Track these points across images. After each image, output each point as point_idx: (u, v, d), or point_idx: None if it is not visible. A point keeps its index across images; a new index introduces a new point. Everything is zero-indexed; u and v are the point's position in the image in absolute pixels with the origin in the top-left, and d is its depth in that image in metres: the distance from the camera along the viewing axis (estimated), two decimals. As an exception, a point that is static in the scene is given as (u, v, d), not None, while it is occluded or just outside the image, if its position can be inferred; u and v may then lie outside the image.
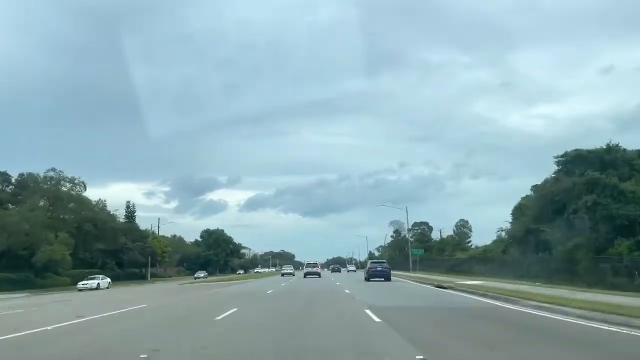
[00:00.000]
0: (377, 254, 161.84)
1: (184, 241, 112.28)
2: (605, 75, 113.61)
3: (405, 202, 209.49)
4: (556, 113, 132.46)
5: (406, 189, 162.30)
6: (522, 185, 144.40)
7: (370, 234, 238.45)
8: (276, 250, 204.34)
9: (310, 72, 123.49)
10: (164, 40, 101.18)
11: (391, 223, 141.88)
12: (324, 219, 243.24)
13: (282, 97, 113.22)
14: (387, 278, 36.49)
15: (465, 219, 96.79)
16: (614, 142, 37.29)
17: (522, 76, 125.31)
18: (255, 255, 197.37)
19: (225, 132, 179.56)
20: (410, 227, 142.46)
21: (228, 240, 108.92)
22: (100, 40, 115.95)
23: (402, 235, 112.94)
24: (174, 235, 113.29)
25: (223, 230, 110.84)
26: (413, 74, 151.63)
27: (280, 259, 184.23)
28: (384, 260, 48.27)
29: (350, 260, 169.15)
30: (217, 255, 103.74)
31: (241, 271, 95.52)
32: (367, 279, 37.23)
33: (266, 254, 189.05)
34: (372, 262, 42.97)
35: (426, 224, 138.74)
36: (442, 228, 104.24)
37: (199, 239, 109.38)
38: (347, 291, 25.78)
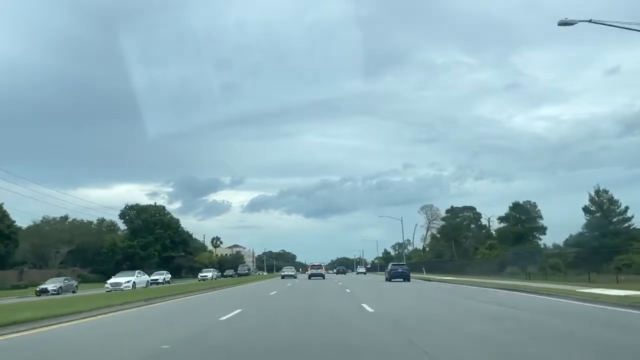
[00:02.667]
0: (393, 253, 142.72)
1: (112, 229, 68.92)
2: (611, 76, 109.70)
3: (409, 203, 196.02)
4: (561, 115, 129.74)
5: (410, 191, 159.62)
6: (526, 187, 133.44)
7: (373, 235, 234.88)
8: (276, 250, 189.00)
9: (314, 73, 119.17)
10: (165, 41, 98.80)
11: (422, 208, 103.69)
12: (327, 221, 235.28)
13: (286, 98, 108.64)
14: (407, 279, 37.40)
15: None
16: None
17: (527, 77, 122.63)
18: (239, 254, 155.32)
19: (228, 133, 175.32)
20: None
21: (168, 225, 65.32)
22: (100, 40, 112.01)
23: (458, 218, 69.90)
24: (89, 222, 69.43)
25: (164, 208, 67.46)
26: (417, 75, 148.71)
27: (280, 260, 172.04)
28: (404, 263, 50.02)
29: (360, 262, 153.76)
30: (145, 247, 60.49)
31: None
32: (389, 280, 38.25)
33: (264, 254, 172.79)
34: (393, 264, 43.48)
35: (472, 209, 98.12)
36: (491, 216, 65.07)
37: (120, 219, 66.15)
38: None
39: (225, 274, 68.32)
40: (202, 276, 54.21)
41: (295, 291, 25.22)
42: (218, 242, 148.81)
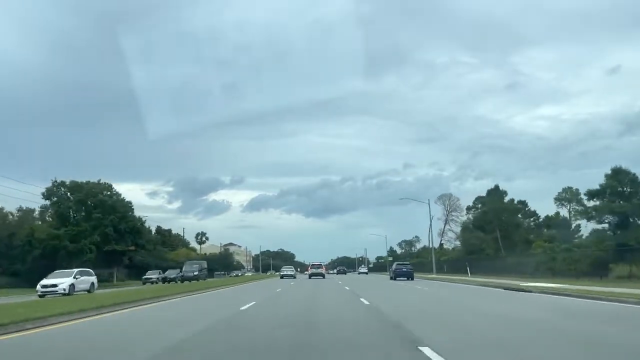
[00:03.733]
0: (399, 251, 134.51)
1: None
2: (612, 75, 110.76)
3: (410, 203, 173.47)
4: (562, 114, 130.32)
5: (410, 191, 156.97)
6: (526, 187, 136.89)
7: (375, 234, 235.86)
8: (274, 249, 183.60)
9: (313, 72, 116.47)
10: (165, 40, 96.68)
11: (439, 198, 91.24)
12: (327, 220, 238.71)
13: (286, 97, 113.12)
14: (411, 277, 39.08)
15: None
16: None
17: (527, 77, 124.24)
18: (227, 252, 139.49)
19: (229, 132, 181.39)
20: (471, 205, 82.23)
21: (113, 208, 47.79)
22: (100, 39, 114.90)
23: (505, 195, 52.04)
24: (29, 209, 51.67)
25: (110, 186, 50.02)
26: (418, 75, 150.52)
27: (278, 259, 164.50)
28: (408, 262, 51.55)
29: (363, 261, 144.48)
30: (76, 238, 43.51)
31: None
32: (393, 278, 39.90)
33: (261, 253, 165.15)
34: (397, 264, 45.43)
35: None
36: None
37: (43, 200, 49.03)
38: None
39: (167, 276, 49.07)
40: (43, 288, 27.13)
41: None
42: (204, 238, 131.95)
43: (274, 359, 6.13)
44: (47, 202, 50.17)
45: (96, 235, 45.22)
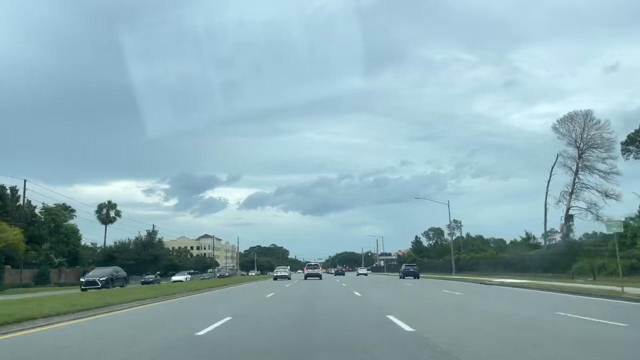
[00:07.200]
0: (426, 242, 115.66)
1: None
2: (610, 73, 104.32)
3: (406, 200, 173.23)
4: (559, 112, 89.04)
5: (407, 188, 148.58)
6: (524, 185, 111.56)
7: (374, 232, 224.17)
8: (265, 245, 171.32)
9: (312, 70, 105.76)
10: (163, 38, 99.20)
11: (563, 121, 51.33)
12: (324, 218, 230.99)
13: (283, 95, 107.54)
14: (417, 277, 42.73)
15: None
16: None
17: (525, 74, 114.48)
18: (152, 237, 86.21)
19: (226, 130, 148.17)
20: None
21: None
22: (99, 36, 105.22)
23: None
24: None
25: None
26: (415, 73, 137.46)
27: (271, 256, 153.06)
28: (414, 264, 55.13)
29: (373, 258, 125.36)
30: None
31: None
32: (402, 277, 43.39)
33: (251, 249, 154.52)
34: (405, 265, 50.00)
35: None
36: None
37: None
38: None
39: None
40: None
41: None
42: (113, 214, 78.81)
43: None
44: None
45: None
